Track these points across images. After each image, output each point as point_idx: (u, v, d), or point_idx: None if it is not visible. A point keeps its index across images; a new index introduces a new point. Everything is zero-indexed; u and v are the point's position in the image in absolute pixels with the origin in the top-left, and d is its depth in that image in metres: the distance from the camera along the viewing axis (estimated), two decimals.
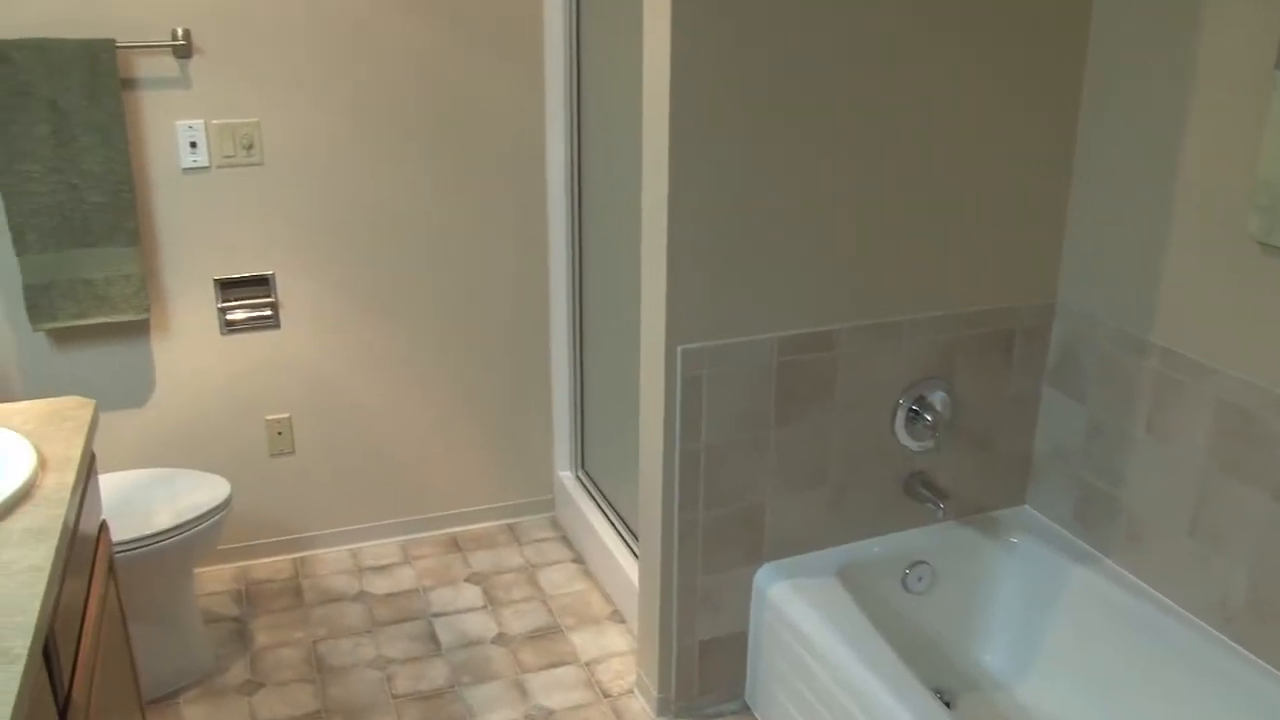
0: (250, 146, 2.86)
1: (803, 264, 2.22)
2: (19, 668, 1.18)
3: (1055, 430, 2.52)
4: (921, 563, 2.50)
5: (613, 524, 3.07)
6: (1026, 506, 2.65)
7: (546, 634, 2.87)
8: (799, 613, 2.28)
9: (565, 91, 3.02)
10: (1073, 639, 2.40)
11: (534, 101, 3.07)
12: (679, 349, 2.16)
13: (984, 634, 2.59)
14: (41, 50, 2.56)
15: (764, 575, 2.42)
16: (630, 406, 2.83)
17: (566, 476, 3.39)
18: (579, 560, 3.22)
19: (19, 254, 2.66)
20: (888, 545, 2.52)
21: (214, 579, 3.14)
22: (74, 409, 1.92)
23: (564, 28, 2.97)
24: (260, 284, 2.98)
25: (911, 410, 2.43)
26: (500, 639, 2.85)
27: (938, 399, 2.44)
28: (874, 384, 2.38)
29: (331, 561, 3.24)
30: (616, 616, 2.94)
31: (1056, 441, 2.52)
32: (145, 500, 2.59)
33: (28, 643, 1.23)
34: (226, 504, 2.62)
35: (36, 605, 1.30)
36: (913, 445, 2.47)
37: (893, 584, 2.51)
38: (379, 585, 3.11)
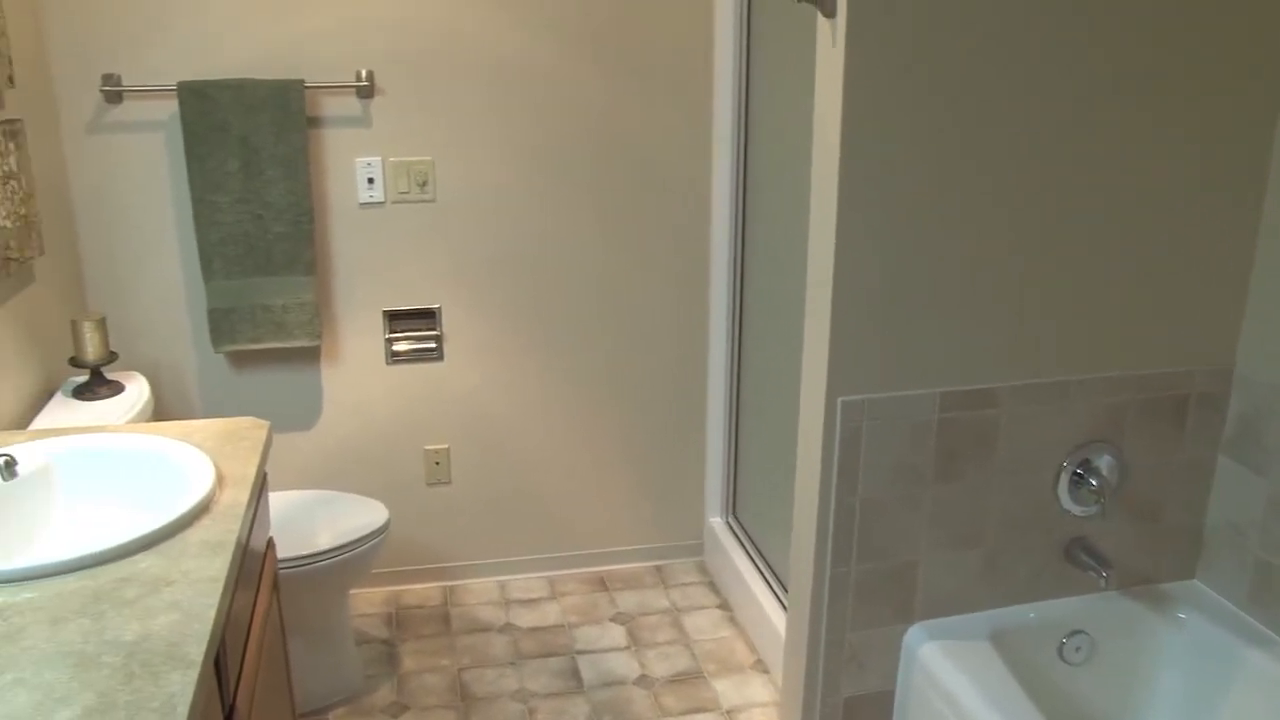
0: (424, 184, 2.96)
1: (969, 318, 2.17)
2: (195, 673, 1.24)
3: (1231, 503, 2.40)
4: (1080, 632, 2.40)
5: (761, 572, 3.04)
6: (1196, 581, 2.52)
7: (689, 679, 2.85)
8: (949, 676, 2.21)
9: (733, 140, 3.04)
10: None
11: (701, 148, 3.10)
12: (839, 400, 2.14)
13: (1145, 712, 2.47)
14: (240, 90, 2.70)
15: (914, 635, 2.36)
16: (784, 455, 2.81)
17: (717, 522, 3.38)
18: (725, 607, 3.20)
19: (206, 280, 2.81)
20: (1045, 612, 2.43)
21: (367, 601, 3.22)
22: (250, 429, 2.01)
23: (734, 78, 2.99)
24: (426, 317, 3.07)
25: (1076, 473, 2.35)
26: (642, 680, 2.85)
27: (1104, 463, 2.35)
28: (1037, 444, 2.31)
29: (480, 592, 3.29)
30: (760, 666, 2.90)
31: (1232, 515, 2.39)
32: (307, 520, 2.68)
33: (203, 650, 1.28)
34: (384, 529, 2.69)
35: (212, 614, 1.36)
36: (1076, 510, 2.38)
37: (1048, 652, 2.42)
38: (525, 618, 3.14)
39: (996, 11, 1.99)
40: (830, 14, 1.98)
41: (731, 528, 3.33)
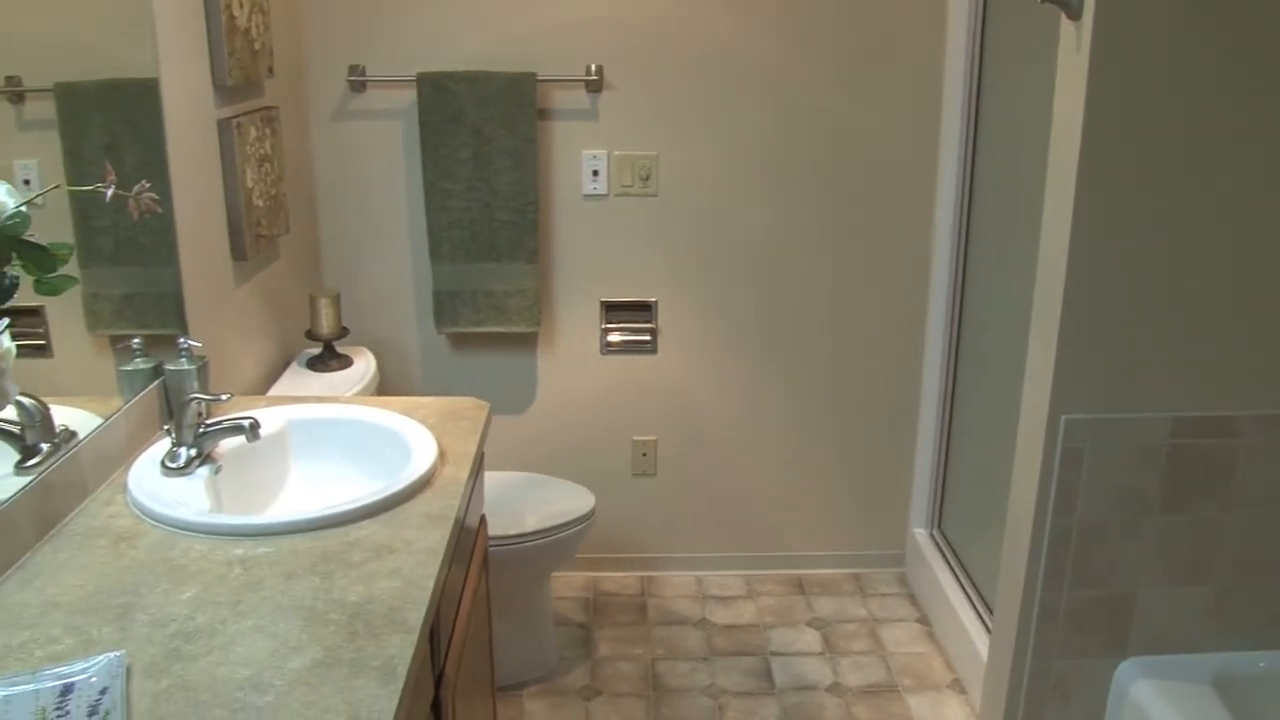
0: (647, 178, 3.00)
1: (1208, 339, 2.04)
2: (413, 638, 1.29)
3: None
4: None
5: (964, 589, 2.95)
6: None
7: (882, 691, 2.80)
8: (1165, 719, 2.10)
9: (960, 142, 2.95)
10: None
11: (927, 150, 3.03)
12: (1062, 419, 2.05)
13: None
14: (475, 82, 2.80)
15: (1127, 670, 2.25)
16: (997, 469, 2.72)
17: (921, 534, 3.31)
18: (924, 622, 3.12)
19: (434, 262, 2.92)
20: (1278, 663, 2.27)
21: (567, 584, 3.29)
22: (471, 409, 2.09)
23: (964, 78, 2.90)
24: (643, 309, 3.11)
25: None
26: (835, 688, 2.81)
27: None
28: None
29: (677, 585, 3.31)
30: (957, 686, 2.82)
31: None
32: (517, 501, 2.75)
33: (421, 616, 1.34)
34: (590, 515, 2.74)
35: (430, 584, 1.42)
36: None
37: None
38: (720, 615, 3.15)
39: (1254, 14, 1.86)
40: (1075, 16, 1.90)
41: (936, 540, 3.25)
